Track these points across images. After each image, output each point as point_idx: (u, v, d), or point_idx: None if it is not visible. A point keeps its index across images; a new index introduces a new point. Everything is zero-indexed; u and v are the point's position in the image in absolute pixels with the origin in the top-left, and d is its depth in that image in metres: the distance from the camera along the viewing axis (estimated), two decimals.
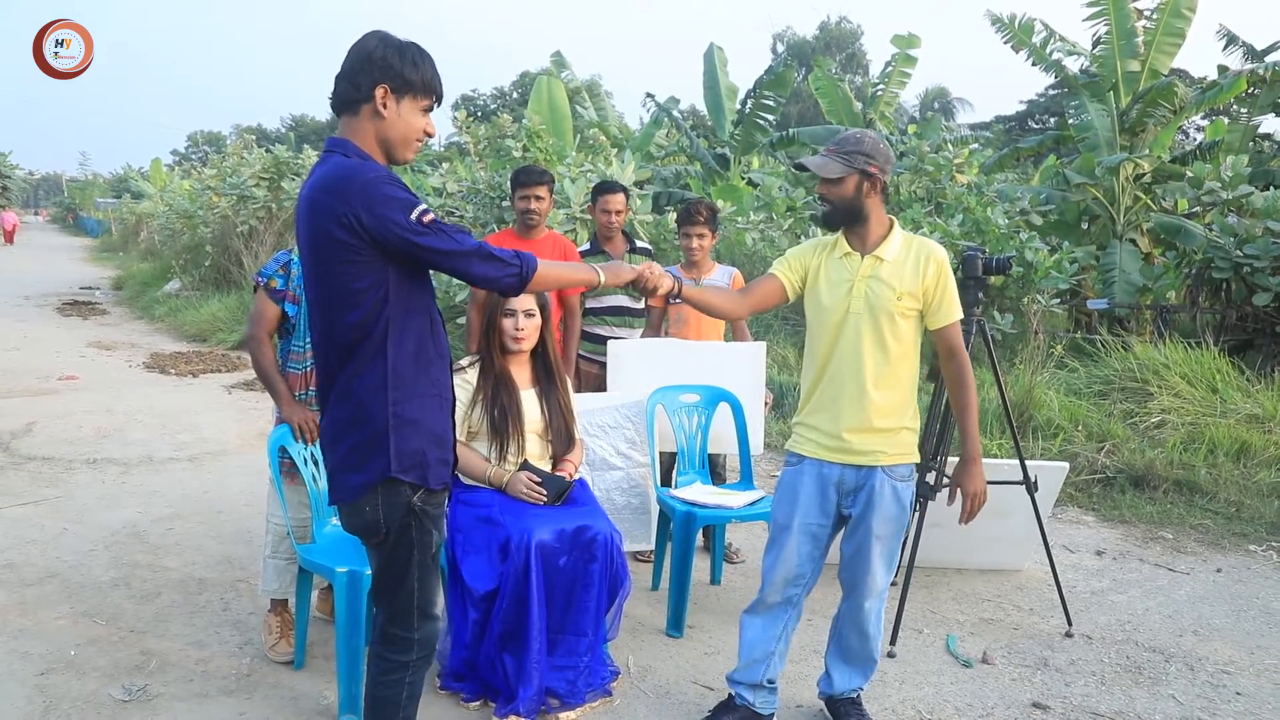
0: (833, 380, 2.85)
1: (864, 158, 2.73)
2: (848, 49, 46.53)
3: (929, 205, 11.50)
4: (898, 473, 2.84)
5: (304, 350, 3.40)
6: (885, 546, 2.87)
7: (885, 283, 2.75)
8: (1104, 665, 3.62)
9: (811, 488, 2.87)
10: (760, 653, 2.97)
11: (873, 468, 2.82)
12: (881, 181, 2.76)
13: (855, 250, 2.81)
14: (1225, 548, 5.00)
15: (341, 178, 2.06)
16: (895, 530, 2.87)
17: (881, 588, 2.92)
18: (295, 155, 15.07)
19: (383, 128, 2.14)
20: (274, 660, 3.41)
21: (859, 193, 2.75)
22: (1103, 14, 11.14)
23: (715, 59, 15.28)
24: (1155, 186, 10.62)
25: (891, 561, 2.93)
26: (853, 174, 2.73)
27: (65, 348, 10.85)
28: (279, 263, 3.43)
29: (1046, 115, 33.82)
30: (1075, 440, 6.23)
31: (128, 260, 24.23)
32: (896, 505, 2.84)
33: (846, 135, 2.82)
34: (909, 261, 2.77)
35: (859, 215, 2.78)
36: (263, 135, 48.51)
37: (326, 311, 2.14)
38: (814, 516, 2.88)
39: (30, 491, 5.35)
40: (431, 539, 2.26)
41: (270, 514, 3.51)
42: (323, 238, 2.07)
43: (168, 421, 7.22)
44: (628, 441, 3.93)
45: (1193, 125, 20.77)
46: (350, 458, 2.17)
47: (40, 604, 3.85)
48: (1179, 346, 7.17)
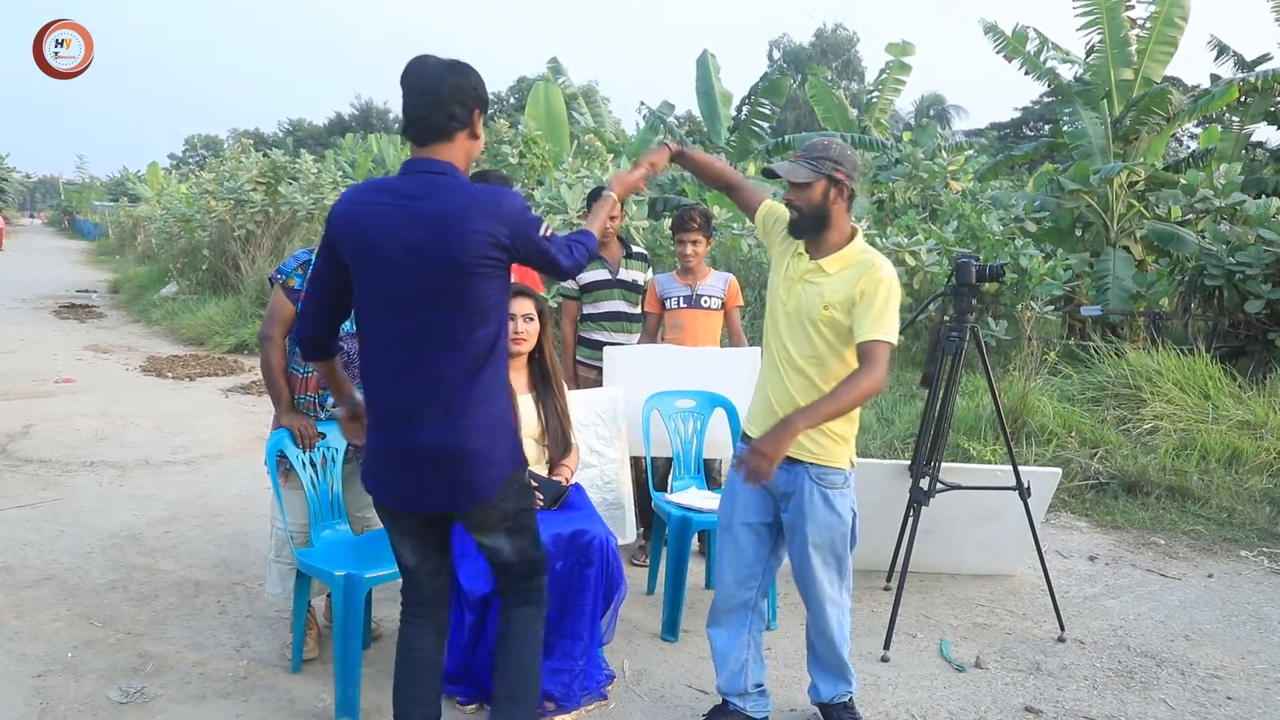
0: (768, 368, 2.89)
1: (831, 164, 2.73)
2: (843, 56, 46.65)
3: (924, 212, 11.56)
4: (827, 479, 2.80)
5: None
6: (825, 555, 2.84)
7: (818, 289, 2.75)
8: (1096, 670, 3.65)
9: (745, 487, 2.88)
10: (735, 663, 3.00)
11: (799, 466, 2.78)
12: (849, 189, 2.76)
13: (807, 252, 2.83)
14: (1217, 553, 5.03)
15: (493, 201, 2.25)
16: (834, 538, 2.83)
17: (833, 595, 2.90)
18: (292, 160, 15.07)
19: (474, 147, 2.37)
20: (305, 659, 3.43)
21: (826, 198, 2.75)
22: (1096, 23, 11.21)
23: (709, 65, 15.33)
24: (1148, 194, 10.68)
25: (840, 569, 2.89)
26: (820, 179, 2.73)
27: (62, 351, 10.84)
28: (298, 261, 3.40)
29: (1041, 122, 33.98)
30: (1068, 446, 6.26)
31: (125, 263, 24.20)
32: (830, 513, 2.80)
33: (814, 142, 2.84)
34: (848, 272, 2.74)
35: (824, 222, 2.77)
36: (260, 139, 48.50)
37: (459, 327, 2.26)
38: (753, 514, 2.90)
39: (27, 494, 5.36)
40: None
41: (274, 518, 3.52)
42: (473, 256, 2.21)
43: (165, 425, 7.23)
44: (600, 438, 3.96)
45: (1186, 133, 20.89)
46: (488, 458, 2.34)
47: (37, 606, 3.86)
48: (1171, 353, 7.21)
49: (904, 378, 8.27)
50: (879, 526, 4.35)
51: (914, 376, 8.13)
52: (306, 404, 3.43)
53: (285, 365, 3.42)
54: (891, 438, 6.70)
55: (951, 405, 3.93)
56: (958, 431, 6.35)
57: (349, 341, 3.40)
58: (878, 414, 7.22)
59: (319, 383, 3.40)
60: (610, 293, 4.63)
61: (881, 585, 4.42)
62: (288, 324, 3.40)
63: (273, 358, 3.39)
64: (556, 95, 14.42)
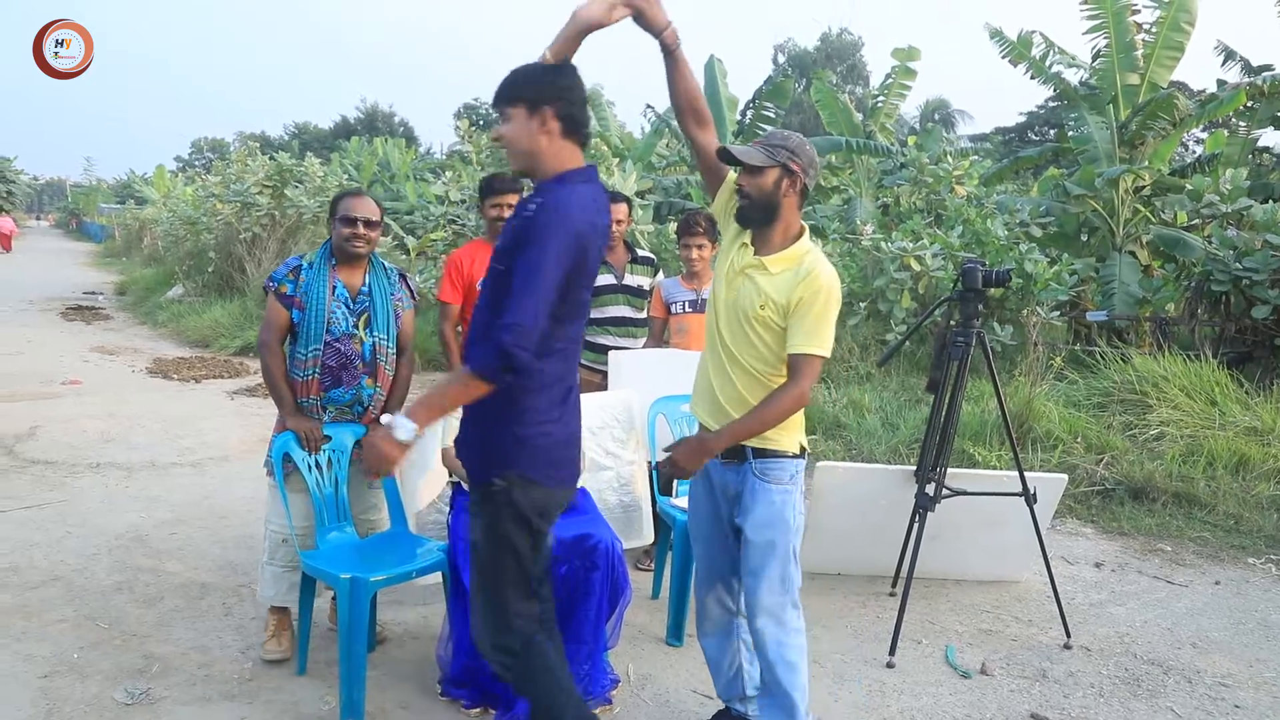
0: (710, 353, 2.81)
1: (787, 153, 2.66)
2: (848, 60, 46.65)
3: (929, 217, 11.56)
4: (771, 474, 2.67)
5: (306, 358, 3.40)
6: (762, 556, 2.68)
7: (757, 286, 2.66)
8: (1102, 677, 3.64)
9: (702, 494, 2.86)
10: (728, 669, 2.97)
11: (744, 465, 2.69)
12: (802, 182, 2.68)
13: (753, 244, 2.73)
14: (1224, 560, 5.01)
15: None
16: (772, 539, 2.67)
17: (769, 606, 2.69)
18: (298, 163, 15.10)
19: None
20: (264, 659, 3.44)
21: (777, 188, 2.66)
22: (1102, 27, 11.19)
23: (715, 70, 15.33)
24: (1154, 199, 10.66)
25: (783, 576, 2.69)
26: (774, 166, 2.65)
27: (68, 352, 10.87)
28: (289, 267, 3.45)
29: (1046, 127, 33.95)
30: (1074, 452, 6.25)
31: (131, 266, 24.27)
32: (770, 509, 2.67)
33: (774, 132, 2.77)
34: (789, 274, 2.64)
35: (774, 212, 2.68)
36: (266, 142, 48.58)
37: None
38: (715, 522, 2.84)
39: (33, 495, 5.37)
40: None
41: (268, 520, 3.53)
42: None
43: (171, 426, 7.24)
44: (615, 440, 3.97)
45: (1192, 138, 20.86)
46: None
47: (43, 607, 3.87)
48: (1178, 359, 7.19)
49: (909, 383, 8.27)
50: (884, 532, 4.35)
51: (919, 381, 8.13)
52: (310, 407, 3.44)
53: (286, 370, 3.44)
54: (896, 443, 6.70)
55: (958, 411, 3.93)
56: (963, 437, 6.34)
57: (345, 343, 3.41)
58: (883, 419, 7.22)
59: (321, 385, 3.41)
60: (615, 297, 4.63)
61: (887, 591, 4.41)
62: (284, 330, 3.43)
63: (273, 364, 3.42)
64: None
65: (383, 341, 3.50)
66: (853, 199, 13.86)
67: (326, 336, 3.39)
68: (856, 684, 3.50)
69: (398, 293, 3.60)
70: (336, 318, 3.41)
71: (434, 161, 25.00)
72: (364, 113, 61.44)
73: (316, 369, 3.40)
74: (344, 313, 3.43)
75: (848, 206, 13.58)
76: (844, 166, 15.59)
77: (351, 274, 3.50)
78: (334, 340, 3.40)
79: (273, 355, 3.42)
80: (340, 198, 3.50)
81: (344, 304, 3.44)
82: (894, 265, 8.96)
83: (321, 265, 3.46)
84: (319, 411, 3.45)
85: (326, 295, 3.41)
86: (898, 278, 8.89)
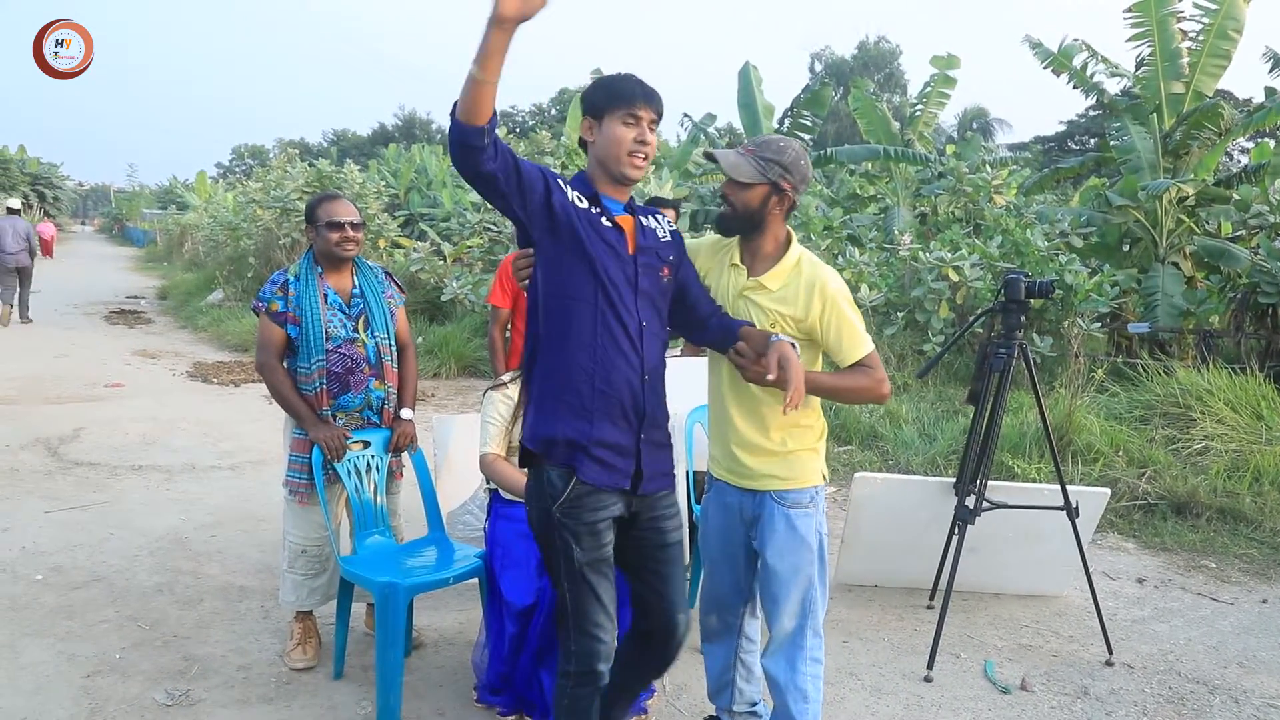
0: (720, 394, 2.71)
1: (781, 169, 2.51)
2: (886, 69, 46.45)
3: (967, 226, 11.45)
4: (790, 499, 2.60)
5: (311, 371, 3.39)
6: (784, 584, 2.61)
7: (762, 308, 2.56)
8: (1145, 696, 3.57)
9: (717, 515, 2.78)
10: (721, 679, 2.94)
11: (764, 493, 2.62)
12: (791, 200, 2.55)
13: (744, 264, 2.61)
14: (1271, 578, 4.90)
15: None
16: (796, 565, 2.60)
17: (788, 632, 2.64)
18: (338, 170, 15.28)
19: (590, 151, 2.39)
20: (290, 667, 3.46)
21: (764, 205, 2.53)
22: (1146, 35, 11.01)
23: (750, 77, 15.29)
24: (1199, 209, 10.47)
25: (805, 602, 2.63)
26: (764, 184, 2.51)
27: (111, 355, 11.07)
28: (276, 284, 3.43)
29: (1086, 136, 33.57)
30: (1116, 466, 6.15)
31: (172, 270, 24.67)
32: (793, 536, 2.60)
33: (770, 139, 2.59)
34: (797, 288, 2.55)
35: (757, 226, 2.56)
36: (305, 149, 49.22)
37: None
38: (725, 544, 2.78)
39: (77, 496, 5.46)
40: None
41: (287, 530, 3.54)
42: None
43: (210, 429, 7.34)
44: None
45: (1236, 148, 20.48)
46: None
47: (87, 607, 3.93)
48: (1223, 372, 7.05)
49: (946, 394, 8.18)
50: (922, 544, 4.30)
51: (956, 393, 8.04)
52: (322, 419, 3.43)
53: (294, 384, 3.42)
54: (934, 454, 6.63)
55: (999, 423, 3.88)
56: (1002, 449, 6.25)
57: (349, 349, 3.42)
58: (920, 430, 7.15)
59: (330, 394, 3.41)
60: None
61: (924, 604, 4.36)
62: (281, 349, 3.41)
63: (278, 381, 3.41)
64: None
65: (385, 341, 3.51)
66: (890, 208, 13.76)
67: (328, 346, 3.38)
68: (894, 698, 3.46)
69: (388, 290, 3.61)
70: (334, 325, 3.40)
71: None
72: (402, 120, 62.14)
73: (323, 380, 3.39)
74: (341, 319, 3.43)
75: (885, 215, 13.48)
76: (881, 175, 15.48)
77: (340, 279, 3.50)
78: (336, 348, 3.39)
79: (276, 372, 3.41)
80: (318, 203, 3.47)
81: (339, 310, 3.44)
82: (932, 275, 8.88)
83: (309, 276, 3.43)
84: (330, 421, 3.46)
85: (320, 305, 3.39)
86: (935, 288, 8.80)
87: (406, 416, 3.59)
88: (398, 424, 3.57)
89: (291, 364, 3.46)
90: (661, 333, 2.45)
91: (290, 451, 3.50)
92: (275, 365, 3.42)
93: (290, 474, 3.47)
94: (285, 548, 3.55)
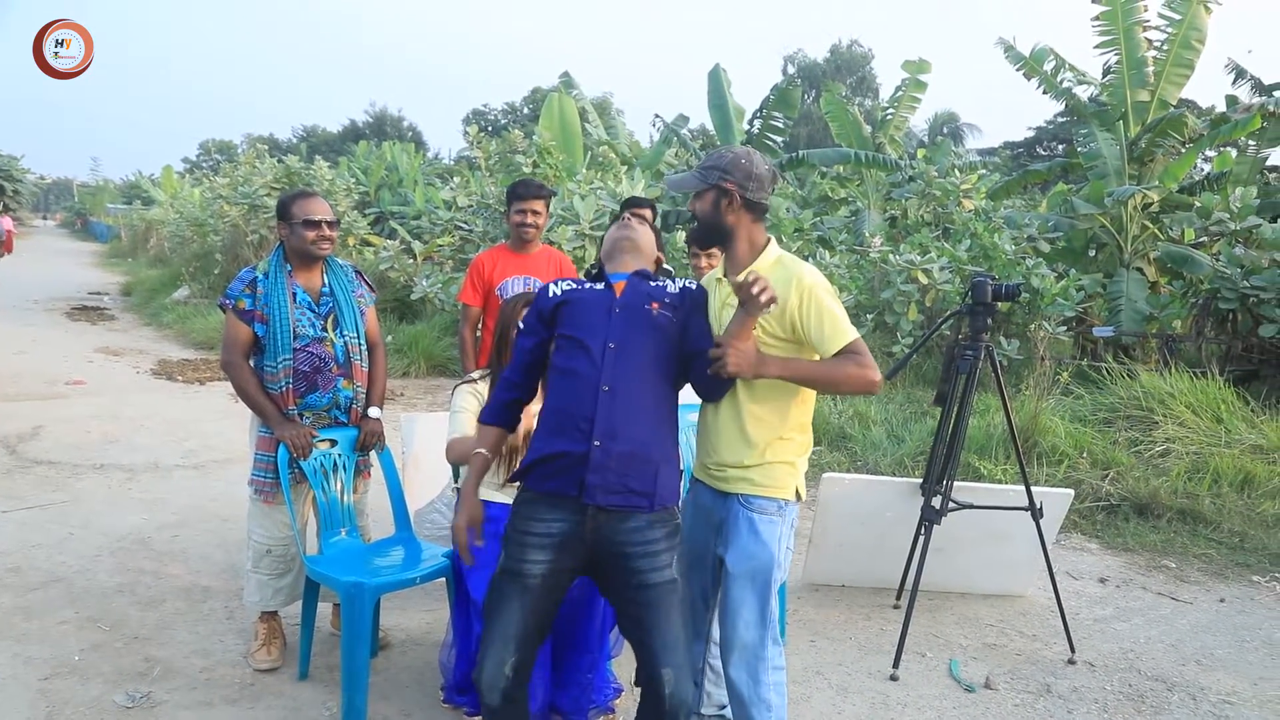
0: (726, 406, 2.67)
1: (719, 173, 2.59)
2: (858, 72, 46.77)
3: (936, 230, 11.56)
4: (756, 505, 2.58)
5: (277, 370, 3.36)
6: (743, 589, 2.59)
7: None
8: (1106, 693, 3.62)
9: (691, 515, 2.77)
10: None
11: (733, 496, 2.62)
12: (740, 198, 2.58)
13: (728, 275, 2.66)
14: (1229, 578, 4.99)
15: None
16: (754, 571, 2.58)
17: (746, 642, 2.61)
18: (307, 166, 15.14)
19: None
20: (254, 668, 3.42)
21: (717, 209, 2.60)
22: (1113, 43, 11.17)
23: (721, 79, 15.33)
24: (1163, 216, 10.65)
25: (762, 609, 2.61)
26: (708, 190, 2.61)
27: (73, 353, 10.89)
28: (244, 281, 3.39)
29: (1055, 142, 34.00)
30: (1079, 467, 6.23)
31: (137, 267, 24.31)
32: (755, 540, 2.57)
33: (712, 152, 2.73)
34: (775, 284, 2.49)
35: (724, 232, 2.62)
36: (274, 145, 48.73)
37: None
38: (691, 546, 2.73)
39: (36, 495, 5.37)
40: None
41: (252, 530, 3.51)
42: None
43: (174, 428, 7.25)
44: None
45: (1200, 156, 20.80)
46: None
47: (44, 608, 3.86)
48: (1184, 376, 7.17)
49: (915, 395, 8.25)
50: (889, 544, 4.34)
51: (924, 394, 8.11)
52: (288, 418, 3.41)
53: (260, 382, 3.39)
54: (902, 455, 6.68)
55: (965, 424, 3.92)
56: (968, 450, 6.31)
57: (317, 348, 3.39)
58: (888, 431, 7.20)
59: (296, 393, 3.39)
60: None
61: (891, 604, 4.40)
62: (247, 347, 3.39)
63: (244, 379, 3.38)
64: (570, 107, 14.44)
65: (354, 341, 3.48)
66: (861, 211, 13.86)
67: (295, 345, 3.35)
68: (860, 696, 3.48)
69: (358, 289, 3.59)
70: (302, 325, 3.38)
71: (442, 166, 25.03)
72: (373, 116, 61.66)
73: (289, 379, 3.36)
74: (310, 318, 3.40)
75: (856, 218, 13.58)
76: (852, 178, 15.59)
77: (310, 277, 3.47)
78: (304, 347, 3.37)
79: (242, 370, 3.38)
80: (293, 201, 3.43)
81: (308, 309, 3.41)
82: (901, 278, 8.95)
83: (278, 273, 3.40)
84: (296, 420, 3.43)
85: (288, 303, 3.36)
86: (904, 290, 8.88)
87: (374, 415, 3.57)
88: (365, 422, 3.54)
89: (258, 362, 3.43)
90: (639, 354, 2.46)
91: (256, 450, 3.46)
92: (241, 363, 3.39)
93: (256, 473, 3.44)
94: (250, 547, 3.52)
